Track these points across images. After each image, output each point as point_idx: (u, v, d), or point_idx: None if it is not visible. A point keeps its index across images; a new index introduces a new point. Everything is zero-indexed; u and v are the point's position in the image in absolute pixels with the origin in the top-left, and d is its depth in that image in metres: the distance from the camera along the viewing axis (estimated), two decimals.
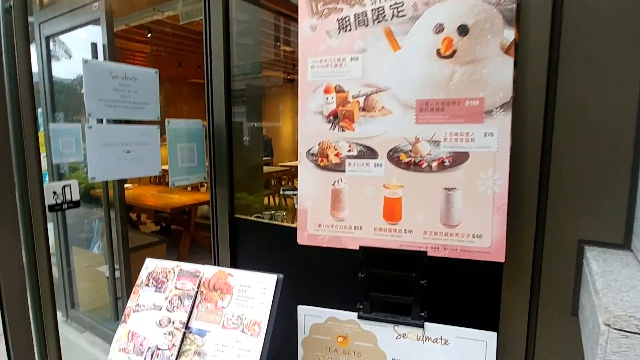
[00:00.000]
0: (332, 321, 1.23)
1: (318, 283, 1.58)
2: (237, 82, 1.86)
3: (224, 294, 1.09)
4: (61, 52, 2.95)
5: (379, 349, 1.19)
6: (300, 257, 1.59)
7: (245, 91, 2.05)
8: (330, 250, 1.54)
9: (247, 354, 0.98)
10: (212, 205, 1.89)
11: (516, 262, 1.13)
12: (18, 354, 1.30)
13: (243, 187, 1.93)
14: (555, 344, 1.12)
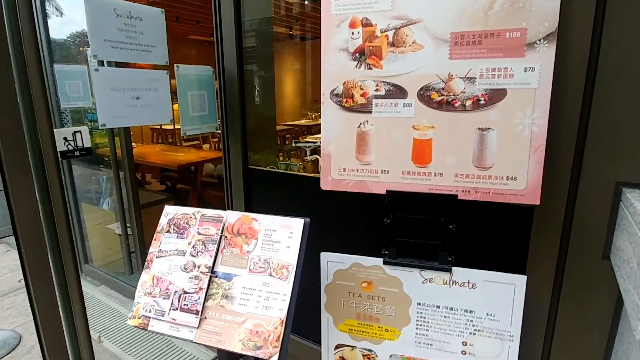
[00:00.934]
0: (357, 267, 1.22)
1: (338, 231, 1.57)
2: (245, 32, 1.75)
3: (248, 238, 1.06)
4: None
5: (404, 294, 1.18)
6: (318, 206, 1.57)
7: (254, 37, 1.94)
8: (350, 197, 1.50)
9: (277, 297, 0.97)
10: (225, 156, 1.84)
11: (548, 205, 1.10)
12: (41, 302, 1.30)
13: (256, 138, 1.87)
14: (583, 287, 1.10)
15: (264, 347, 0.92)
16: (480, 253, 1.26)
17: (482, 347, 1.14)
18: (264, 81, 1.95)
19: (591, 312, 1.10)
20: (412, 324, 1.20)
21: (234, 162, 1.82)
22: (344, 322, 1.28)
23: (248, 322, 0.96)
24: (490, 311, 1.11)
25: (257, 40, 1.80)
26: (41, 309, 1.30)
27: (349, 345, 1.29)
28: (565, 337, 1.14)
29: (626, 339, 0.98)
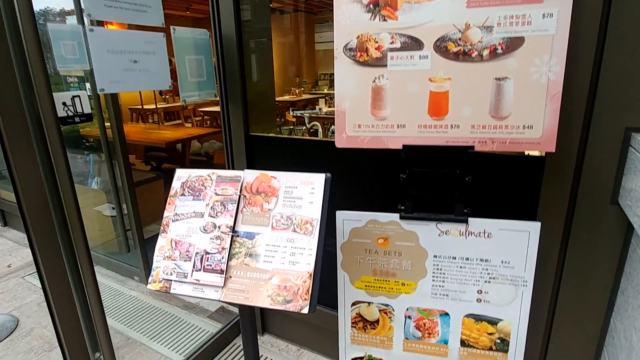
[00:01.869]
0: (373, 224, 1.23)
1: (349, 193, 1.57)
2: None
3: (269, 196, 1.05)
4: None
5: (420, 247, 1.21)
6: (326, 168, 1.56)
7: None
8: (360, 156, 1.51)
9: (302, 252, 0.97)
10: (225, 124, 1.80)
11: (561, 153, 1.13)
12: (53, 282, 1.27)
13: (257, 105, 1.83)
14: (591, 231, 1.15)
15: (294, 301, 0.92)
16: (493, 204, 1.29)
17: (496, 294, 1.18)
18: (261, 47, 1.89)
19: (599, 255, 1.15)
20: (429, 276, 1.22)
21: (235, 129, 1.79)
22: (360, 280, 1.30)
23: (275, 278, 0.97)
24: (505, 259, 1.15)
25: (252, 5, 1.74)
26: (53, 289, 1.27)
27: (365, 302, 1.32)
28: (574, 278, 1.20)
29: (635, 277, 1.03)
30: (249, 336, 1.15)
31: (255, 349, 1.18)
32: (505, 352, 1.23)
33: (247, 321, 1.14)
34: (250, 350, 1.16)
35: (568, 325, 1.24)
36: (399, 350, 1.33)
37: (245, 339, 1.17)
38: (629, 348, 1.00)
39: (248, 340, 1.16)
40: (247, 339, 1.16)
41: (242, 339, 1.18)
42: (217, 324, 2.20)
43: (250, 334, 1.15)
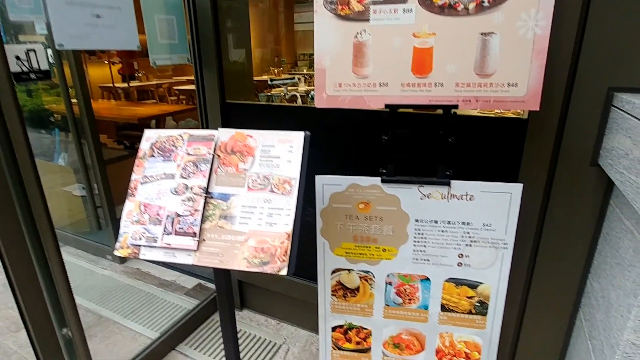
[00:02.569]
0: (354, 188, 1.19)
1: (330, 157, 1.52)
2: None
3: (244, 156, 0.99)
4: None
5: (402, 211, 1.18)
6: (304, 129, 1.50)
7: None
8: (341, 120, 1.46)
9: (280, 212, 0.92)
10: (199, 91, 1.71)
11: (543, 114, 1.11)
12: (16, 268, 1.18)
13: (232, 72, 1.74)
14: (571, 193, 1.15)
15: (272, 263, 0.88)
16: (476, 166, 1.27)
17: (477, 258, 1.17)
18: (237, 11, 1.79)
19: (578, 216, 1.15)
20: (410, 241, 1.20)
21: (210, 97, 1.70)
22: (340, 246, 1.27)
23: (251, 240, 0.92)
24: (487, 221, 1.13)
25: None
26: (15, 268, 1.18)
27: (345, 269, 1.29)
28: (553, 240, 1.20)
29: (612, 236, 1.04)
30: (226, 307, 1.11)
31: (232, 320, 1.14)
32: (485, 315, 1.23)
33: (223, 292, 1.09)
34: (227, 321, 1.12)
35: (545, 287, 1.26)
36: (380, 317, 1.32)
37: (222, 310, 1.13)
38: (607, 306, 1.01)
39: (224, 310, 1.12)
40: (224, 310, 1.11)
41: (219, 310, 1.14)
42: (194, 300, 2.15)
43: (227, 304, 1.10)
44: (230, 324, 1.13)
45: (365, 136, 1.42)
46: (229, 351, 1.18)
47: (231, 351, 1.17)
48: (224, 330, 1.15)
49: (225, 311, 1.12)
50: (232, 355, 1.18)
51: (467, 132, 1.26)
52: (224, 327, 1.15)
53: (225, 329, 1.14)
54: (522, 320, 1.33)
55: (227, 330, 1.14)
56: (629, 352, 0.87)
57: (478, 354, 1.28)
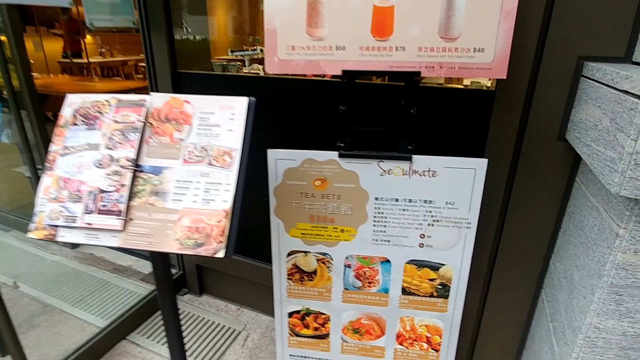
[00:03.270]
0: (309, 163, 1.09)
1: (285, 130, 1.42)
2: None
3: (180, 124, 0.87)
4: None
5: (361, 189, 1.09)
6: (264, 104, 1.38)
7: None
8: (297, 89, 1.35)
9: (219, 187, 0.82)
10: (148, 59, 1.56)
11: (511, 85, 1.04)
12: None
13: (185, 40, 1.59)
14: (537, 169, 1.09)
15: (207, 244, 0.78)
16: (439, 141, 1.20)
17: (439, 238, 1.11)
18: None
19: (543, 194, 1.10)
20: (369, 221, 1.12)
21: (159, 65, 1.55)
22: (296, 227, 1.18)
23: (185, 219, 0.81)
24: (450, 199, 1.06)
25: None
26: None
27: (302, 251, 1.20)
28: (517, 220, 1.15)
29: (577, 215, 0.99)
30: (165, 295, 1.00)
31: (173, 310, 1.03)
32: (446, 297, 1.17)
33: (161, 278, 0.99)
34: (169, 311, 1.02)
35: (509, 268, 1.21)
36: (338, 302, 1.24)
37: (162, 299, 1.02)
38: (570, 287, 0.96)
39: (165, 299, 1.01)
40: (164, 298, 1.01)
41: (159, 299, 1.03)
42: (150, 286, 2.02)
43: (167, 292, 1.00)
44: (172, 313, 1.03)
45: (324, 107, 1.32)
46: (172, 342, 1.08)
47: (174, 342, 1.07)
48: (165, 320, 1.05)
49: (166, 300, 1.01)
50: (176, 346, 1.08)
51: (431, 104, 1.17)
52: (165, 316, 1.04)
53: (167, 319, 1.04)
54: (484, 302, 1.29)
55: (169, 319, 1.04)
56: (591, 337, 0.82)
57: (439, 337, 1.23)
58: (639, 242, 0.72)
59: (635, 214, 0.70)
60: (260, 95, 0.93)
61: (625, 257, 0.74)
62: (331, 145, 1.08)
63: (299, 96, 1.35)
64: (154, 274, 1.00)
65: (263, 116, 1.41)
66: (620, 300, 0.77)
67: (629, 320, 0.77)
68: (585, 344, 0.84)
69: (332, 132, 1.09)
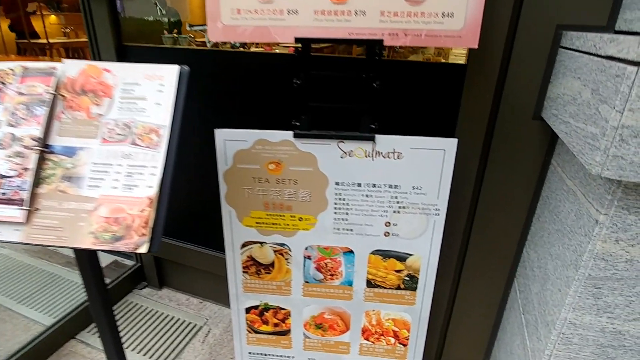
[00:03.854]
0: (262, 145, 0.97)
1: (235, 109, 1.29)
2: None
3: (99, 97, 0.74)
4: None
5: (319, 173, 0.98)
6: (215, 80, 1.25)
7: None
8: (251, 59, 1.22)
9: (143, 171, 0.69)
10: (90, 32, 1.39)
11: (483, 56, 0.94)
12: None
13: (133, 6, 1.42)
14: (511, 151, 1.00)
15: (127, 237, 0.66)
16: (405, 120, 1.10)
17: (406, 226, 1.01)
18: None
19: (517, 178, 1.02)
20: (330, 208, 1.02)
21: (102, 38, 1.38)
22: (249, 215, 1.06)
23: (103, 209, 0.68)
24: (417, 184, 0.97)
25: None
26: None
27: (257, 242, 1.09)
28: (491, 204, 1.07)
29: (553, 199, 0.91)
30: (95, 295, 0.88)
31: (106, 311, 0.91)
32: (414, 290, 1.09)
33: (88, 275, 0.86)
34: (100, 311, 0.89)
35: (481, 257, 1.13)
36: (299, 296, 1.14)
37: (91, 299, 0.89)
38: (543, 278, 0.89)
39: (95, 300, 0.89)
40: (94, 299, 0.88)
41: (88, 298, 0.90)
42: (106, 280, 1.88)
43: (95, 290, 0.87)
44: (105, 315, 0.91)
45: (281, 83, 1.19)
46: (108, 348, 0.96)
47: (111, 348, 0.95)
48: (98, 323, 0.92)
49: (96, 301, 0.89)
50: (113, 351, 0.96)
51: (396, 80, 1.07)
52: (97, 319, 0.92)
53: (99, 321, 0.92)
54: (455, 294, 1.21)
55: (102, 322, 0.92)
56: (566, 333, 0.75)
57: (407, 331, 1.15)
58: (620, 230, 0.64)
59: (618, 198, 0.62)
60: (213, 70, 0.81)
61: (605, 247, 0.65)
62: (288, 122, 0.96)
63: (254, 71, 1.22)
64: (80, 274, 0.88)
65: (215, 94, 1.29)
66: (599, 294, 0.69)
67: (608, 316, 0.70)
68: (560, 341, 0.76)
69: (288, 110, 0.97)
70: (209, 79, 1.28)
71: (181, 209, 1.59)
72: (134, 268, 1.84)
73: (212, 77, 1.27)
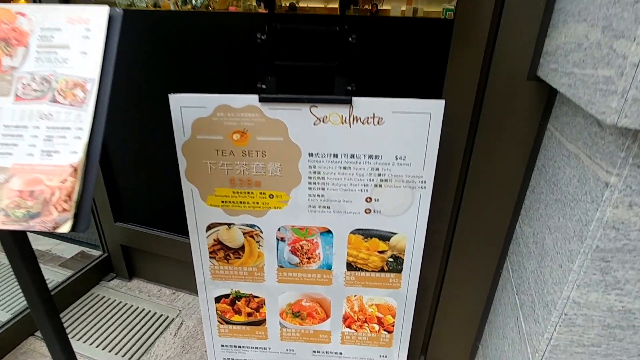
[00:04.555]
0: (224, 111, 0.85)
1: (194, 71, 1.15)
2: None
3: (12, 46, 0.61)
4: None
5: (291, 143, 0.87)
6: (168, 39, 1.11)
7: None
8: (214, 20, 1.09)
9: (66, 134, 0.57)
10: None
11: (472, 9, 0.83)
12: None
13: None
14: (504, 115, 0.91)
15: (44, 214, 0.53)
16: (386, 83, 0.98)
17: (389, 202, 0.91)
18: None
19: (510, 145, 0.92)
20: (304, 183, 0.91)
21: None
22: (214, 194, 0.94)
23: (15, 180, 0.56)
24: (400, 153, 0.86)
25: None
26: None
27: (224, 224, 0.98)
28: (481, 177, 0.97)
29: (550, 168, 0.82)
30: (27, 282, 0.75)
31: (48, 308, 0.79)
32: (399, 272, 0.99)
33: (18, 261, 0.73)
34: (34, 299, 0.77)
35: (470, 234, 1.04)
36: (273, 282, 1.04)
37: (27, 296, 0.77)
38: (540, 254, 0.80)
39: (32, 298, 0.77)
40: (25, 285, 0.76)
41: (23, 293, 0.78)
42: (69, 271, 1.75)
43: (29, 278, 0.75)
44: (43, 307, 0.79)
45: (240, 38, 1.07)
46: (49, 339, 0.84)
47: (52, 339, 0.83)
48: (35, 317, 0.80)
49: (31, 290, 0.76)
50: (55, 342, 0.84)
51: (377, 37, 0.95)
52: (34, 312, 0.80)
53: (37, 315, 0.80)
54: (443, 275, 1.12)
55: (40, 315, 0.79)
56: (568, 314, 0.66)
57: (392, 317, 1.06)
58: (635, 193, 0.54)
59: (633, 154, 0.52)
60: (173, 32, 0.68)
61: (617, 213, 0.56)
62: (253, 85, 0.84)
63: (218, 33, 1.09)
64: (8, 260, 0.75)
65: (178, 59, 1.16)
66: (607, 268, 0.60)
67: (617, 293, 0.61)
68: (561, 322, 0.67)
69: (252, 69, 0.85)
70: (170, 43, 1.14)
71: (149, 192, 1.46)
72: (100, 258, 1.71)
73: (173, 40, 1.13)
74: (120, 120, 1.33)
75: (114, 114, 1.31)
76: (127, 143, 1.39)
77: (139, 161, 1.41)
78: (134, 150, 1.39)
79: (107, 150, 1.41)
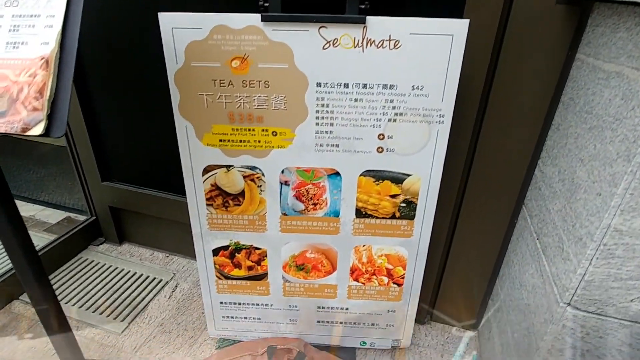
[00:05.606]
0: (221, 33, 0.76)
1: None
2: None
3: None
4: None
5: (297, 71, 0.78)
6: None
7: None
8: None
9: (35, 23, 0.47)
10: None
11: None
12: None
13: None
14: (529, 44, 0.83)
15: (10, 113, 0.44)
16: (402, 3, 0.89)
17: (404, 139, 0.84)
18: None
19: (535, 75, 0.85)
20: (310, 118, 0.83)
21: None
22: (211, 131, 0.86)
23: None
24: (417, 82, 0.78)
25: None
26: None
27: (222, 166, 0.90)
28: (500, 111, 0.90)
29: (581, 97, 0.74)
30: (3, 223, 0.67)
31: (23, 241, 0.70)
32: (412, 218, 0.93)
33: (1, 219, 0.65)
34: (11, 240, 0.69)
35: (487, 177, 0.97)
36: (276, 232, 0.96)
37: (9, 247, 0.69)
38: (570, 190, 0.73)
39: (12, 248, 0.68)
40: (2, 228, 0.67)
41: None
42: (54, 236, 1.65)
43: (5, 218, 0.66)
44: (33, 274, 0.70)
45: None
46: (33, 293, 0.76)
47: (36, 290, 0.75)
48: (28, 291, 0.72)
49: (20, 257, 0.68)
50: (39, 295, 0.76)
51: None
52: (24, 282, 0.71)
53: (29, 288, 0.71)
54: (455, 224, 1.06)
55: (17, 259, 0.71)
56: (608, 244, 0.60)
57: (402, 269, 1.00)
58: None
59: None
60: None
61: None
62: (253, 3, 0.75)
63: None
64: None
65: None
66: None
67: None
68: (599, 255, 0.61)
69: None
70: None
71: (139, 147, 1.36)
72: (87, 222, 1.62)
73: None
74: (105, 60, 1.22)
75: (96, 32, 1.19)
76: (113, 88, 1.27)
77: (126, 111, 1.30)
78: (121, 97, 1.28)
79: (91, 97, 1.30)
